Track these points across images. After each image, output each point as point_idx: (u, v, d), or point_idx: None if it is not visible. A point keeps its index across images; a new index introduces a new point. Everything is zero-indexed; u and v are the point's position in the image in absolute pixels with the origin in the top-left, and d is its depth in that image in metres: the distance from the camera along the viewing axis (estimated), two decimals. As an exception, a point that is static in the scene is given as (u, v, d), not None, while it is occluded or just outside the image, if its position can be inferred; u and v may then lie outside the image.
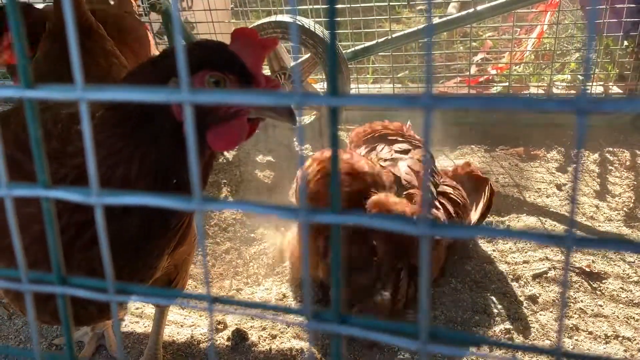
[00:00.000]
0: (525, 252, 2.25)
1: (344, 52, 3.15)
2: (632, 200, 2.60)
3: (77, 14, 1.56)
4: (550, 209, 2.56)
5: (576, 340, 1.86)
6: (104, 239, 0.45)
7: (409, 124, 2.52)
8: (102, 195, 0.44)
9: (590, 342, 1.85)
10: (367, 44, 3.27)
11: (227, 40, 1.18)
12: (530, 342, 1.84)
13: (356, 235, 1.81)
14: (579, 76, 3.47)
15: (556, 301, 1.99)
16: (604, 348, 1.82)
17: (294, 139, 3.27)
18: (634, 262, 2.18)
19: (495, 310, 1.94)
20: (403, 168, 2.05)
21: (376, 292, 1.85)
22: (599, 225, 2.43)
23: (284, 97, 0.37)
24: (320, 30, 2.98)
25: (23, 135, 1.19)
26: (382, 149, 2.20)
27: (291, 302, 2.08)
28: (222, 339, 1.90)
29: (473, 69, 3.69)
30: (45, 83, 0.44)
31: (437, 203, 2.02)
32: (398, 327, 0.43)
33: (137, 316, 2.06)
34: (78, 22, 1.68)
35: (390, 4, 3.20)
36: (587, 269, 2.13)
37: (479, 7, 3.05)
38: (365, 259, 1.85)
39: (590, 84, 3.30)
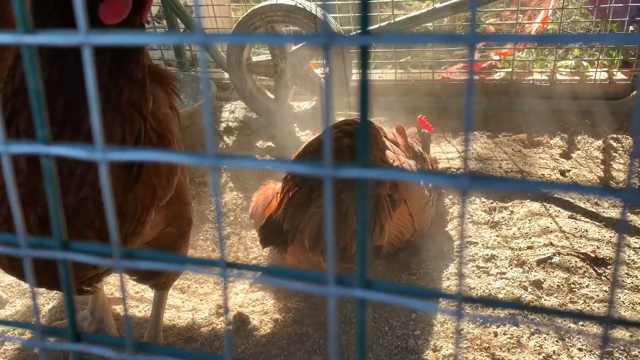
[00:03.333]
0: (530, 238, 2.23)
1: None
2: (636, 187, 2.57)
3: None
4: (555, 195, 2.53)
5: (582, 325, 1.84)
6: (110, 197, 0.42)
7: None
8: (108, 152, 0.41)
9: (597, 328, 1.83)
10: (369, 28, 3.22)
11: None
12: (535, 328, 1.81)
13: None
14: (583, 62, 3.44)
15: (561, 286, 1.97)
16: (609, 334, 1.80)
17: (295, 125, 3.23)
18: (639, 247, 2.16)
19: (500, 296, 1.92)
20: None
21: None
22: (603, 212, 2.40)
23: (311, 38, 0.33)
24: (322, 14, 2.93)
25: None
26: None
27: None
28: (223, 322, 1.88)
29: (476, 55, 3.65)
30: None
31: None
32: (426, 292, 0.40)
33: (137, 300, 2.03)
34: None
35: (393, -13, 3.15)
36: (592, 255, 2.10)
37: (482, -9, 3.01)
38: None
39: (594, 70, 3.27)
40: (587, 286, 1.97)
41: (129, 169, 1.23)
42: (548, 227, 2.27)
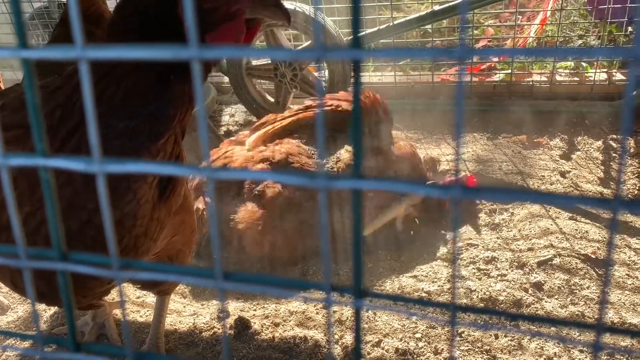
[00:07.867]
0: (530, 240, 2.23)
1: (344, 39, 3.11)
2: (637, 187, 2.58)
3: (87, 3, 1.52)
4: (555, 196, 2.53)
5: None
6: (107, 211, 0.42)
7: None
8: (105, 164, 0.41)
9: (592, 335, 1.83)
10: (368, 31, 3.23)
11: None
12: (536, 330, 1.82)
13: None
14: (582, 63, 3.44)
15: (561, 288, 1.97)
16: (611, 334, 1.80)
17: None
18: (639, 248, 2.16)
19: (500, 298, 1.92)
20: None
21: None
22: (604, 213, 2.40)
23: (305, 53, 0.34)
24: (319, 17, 2.94)
25: None
26: None
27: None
28: (225, 327, 1.88)
29: (475, 57, 3.66)
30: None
31: None
32: (420, 301, 0.40)
33: (138, 305, 2.03)
34: (88, 10, 1.59)
35: (392, -10, 3.16)
36: (593, 256, 2.11)
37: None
38: None
39: (594, 71, 3.28)
40: (587, 287, 1.97)
41: (161, 191, 1.24)
42: (548, 229, 2.27)
